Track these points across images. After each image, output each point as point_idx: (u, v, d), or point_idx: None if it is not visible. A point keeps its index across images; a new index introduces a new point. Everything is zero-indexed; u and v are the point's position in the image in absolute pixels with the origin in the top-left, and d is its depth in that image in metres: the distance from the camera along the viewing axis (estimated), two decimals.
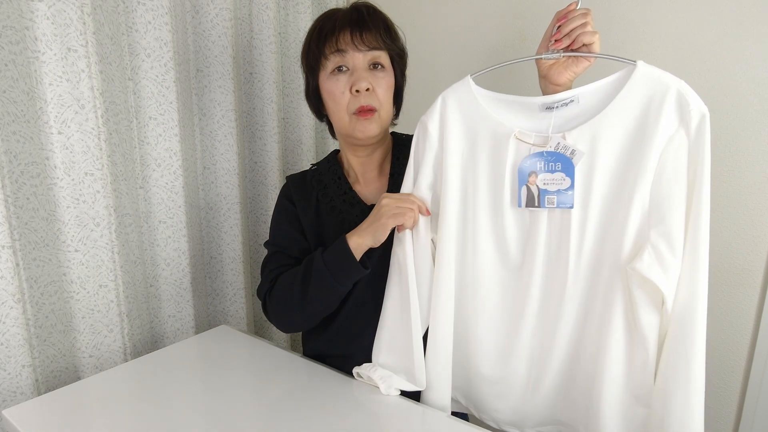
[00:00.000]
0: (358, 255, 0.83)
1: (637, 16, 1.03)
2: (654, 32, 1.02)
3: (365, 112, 0.86)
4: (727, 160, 0.97)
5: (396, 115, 0.97)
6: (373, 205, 0.92)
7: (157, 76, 1.06)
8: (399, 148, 0.98)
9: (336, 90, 0.87)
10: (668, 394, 0.69)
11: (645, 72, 0.68)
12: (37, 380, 0.93)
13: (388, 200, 0.83)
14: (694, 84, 0.71)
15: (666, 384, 0.70)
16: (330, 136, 1.05)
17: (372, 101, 0.86)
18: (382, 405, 0.82)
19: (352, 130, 0.88)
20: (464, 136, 0.80)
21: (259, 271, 1.37)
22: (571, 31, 0.74)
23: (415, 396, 0.85)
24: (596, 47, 0.74)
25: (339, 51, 0.85)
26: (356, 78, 0.85)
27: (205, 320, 1.29)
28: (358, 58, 0.85)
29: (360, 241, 0.83)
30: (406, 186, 0.85)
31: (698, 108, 0.65)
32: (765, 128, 0.94)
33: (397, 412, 0.82)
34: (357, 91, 0.85)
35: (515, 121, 0.77)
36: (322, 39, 0.86)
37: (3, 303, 0.85)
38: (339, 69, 0.86)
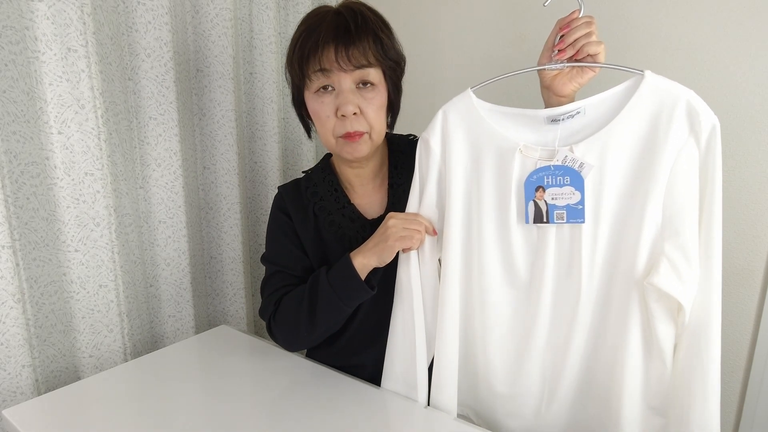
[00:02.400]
0: (363, 275, 0.82)
1: (638, 17, 1.03)
2: (655, 33, 1.02)
3: (353, 135, 0.81)
4: (727, 160, 0.97)
5: (391, 126, 0.92)
6: (373, 220, 0.91)
7: (157, 76, 1.06)
8: (395, 155, 0.94)
9: (321, 113, 0.81)
10: (687, 403, 0.69)
11: (653, 82, 0.67)
12: (37, 380, 0.93)
13: (394, 221, 0.79)
14: (694, 84, 0.71)
15: (683, 393, 0.70)
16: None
17: (359, 126, 0.81)
18: (382, 405, 0.82)
19: (340, 151, 0.84)
20: (467, 151, 0.78)
21: (259, 270, 1.39)
22: (575, 40, 0.72)
23: None
24: (601, 57, 0.72)
25: (323, 70, 0.78)
26: (342, 101, 0.79)
27: (205, 320, 1.29)
28: (344, 78, 0.79)
29: (365, 262, 0.81)
30: (412, 205, 0.83)
31: (708, 119, 0.64)
32: (765, 128, 0.94)
33: (399, 412, 0.82)
34: (343, 115, 0.80)
35: (519, 135, 0.75)
36: (305, 57, 0.79)
37: (3, 303, 0.85)
38: (324, 88, 0.80)
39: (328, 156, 0.98)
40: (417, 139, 0.95)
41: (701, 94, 0.66)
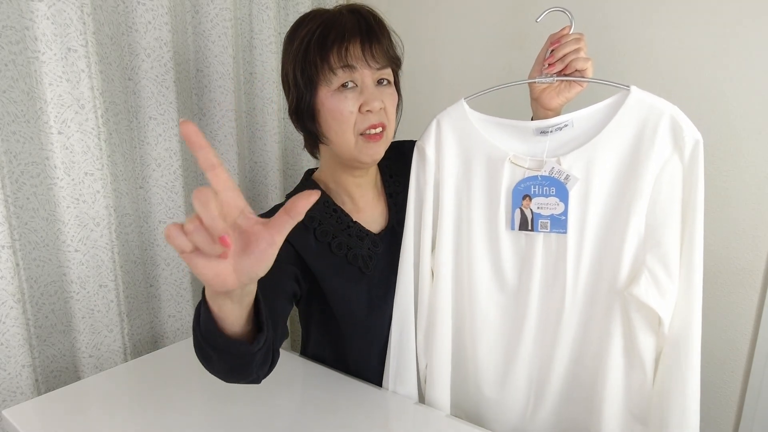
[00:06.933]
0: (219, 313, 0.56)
1: (636, 16, 1.03)
2: (654, 32, 1.02)
3: (375, 135, 0.79)
4: (727, 160, 0.97)
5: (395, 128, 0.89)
6: (381, 233, 0.88)
7: (157, 76, 1.06)
8: (384, 162, 0.88)
9: (344, 109, 0.77)
10: (666, 415, 0.70)
11: (638, 97, 0.69)
12: (37, 380, 0.93)
13: None
14: (694, 84, 0.72)
15: (662, 404, 0.71)
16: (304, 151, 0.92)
17: (383, 118, 0.80)
18: (381, 404, 0.82)
19: (358, 154, 0.80)
20: (459, 159, 0.80)
21: None
22: (564, 56, 0.74)
23: None
24: (589, 73, 0.74)
25: (348, 66, 0.76)
26: (368, 97, 0.77)
27: None
28: (367, 75, 0.78)
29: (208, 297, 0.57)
30: (409, 217, 0.83)
31: (692, 134, 0.66)
32: (765, 128, 0.94)
33: (397, 411, 0.82)
34: (368, 111, 0.77)
35: (510, 145, 0.77)
36: (327, 49, 0.76)
37: (3, 303, 0.85)
38: (344, 85, 0.77)
39: (309, 175, 0.93)
40: (398, 143, 0.92)
41: (700, 95, 0.66)
